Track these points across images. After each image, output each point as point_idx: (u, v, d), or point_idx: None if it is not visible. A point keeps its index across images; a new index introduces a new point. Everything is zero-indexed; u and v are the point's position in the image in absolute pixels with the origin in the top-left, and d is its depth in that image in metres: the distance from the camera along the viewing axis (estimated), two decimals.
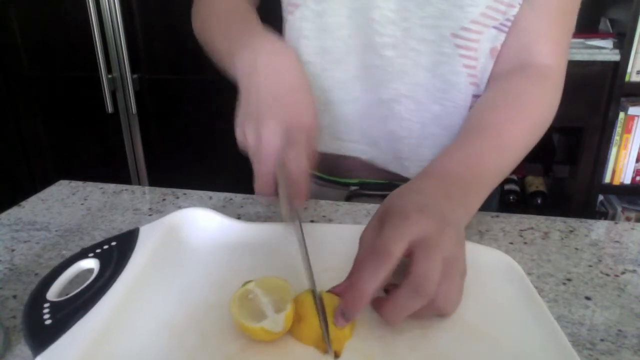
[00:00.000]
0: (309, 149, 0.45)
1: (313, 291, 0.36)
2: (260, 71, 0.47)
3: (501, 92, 0.56)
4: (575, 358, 0.33)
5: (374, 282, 0.34)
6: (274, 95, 0.46)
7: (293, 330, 0.36)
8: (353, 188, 0.67)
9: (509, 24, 0.57)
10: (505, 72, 0.58)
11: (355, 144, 0.66)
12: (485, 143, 0.49)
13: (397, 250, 0.35)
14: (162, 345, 0.35)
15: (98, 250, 0.43)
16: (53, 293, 0.39)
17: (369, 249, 0.38)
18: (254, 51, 0.48)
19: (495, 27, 0.56)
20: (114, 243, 0.44)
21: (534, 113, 0.54)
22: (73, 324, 0.35)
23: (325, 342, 0.34)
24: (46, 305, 0.37)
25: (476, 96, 0.60)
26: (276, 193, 0.45)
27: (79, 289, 0.39)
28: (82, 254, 0.43)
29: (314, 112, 0.47)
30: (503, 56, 0.59)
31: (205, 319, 0.37)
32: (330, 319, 0.35)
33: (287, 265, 0.44)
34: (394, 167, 0.66)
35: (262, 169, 0.44)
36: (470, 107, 0.60)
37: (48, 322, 0.35)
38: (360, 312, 0.35)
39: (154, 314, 0.38)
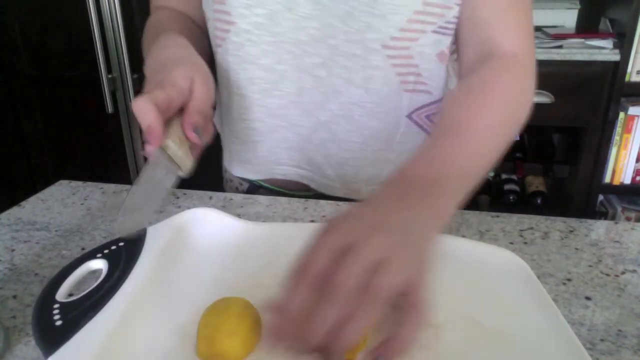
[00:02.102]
0: (194, 106, 0.46)
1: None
2: (149, 66, 0.50)
3: (466, 88, 0.54)
4: (586, 357, 0.33)
5: (292, 303, 0.32)
6: (152, 74, 0.48)
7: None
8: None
9: (451, 26, 0.56)
10: (470, 68, 0.57)
11: (301, 170, 0.64)
12: (451, 141, 0.46)
13: (315, 268, 0.32)
14: (172, 345, 0.35)
15: (106, 251, 0.44)
16: (62, 294, 0.39)
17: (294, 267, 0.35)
18: (150, 57, 0.52)
19: (434, 32, 0.55)
20: (121, 244, 0.44)
21: (503, 103, 0.51)
22: (84, 324, 0.35)
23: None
24: (56, 306, 0.37)
25: (427, 105, 0.60)
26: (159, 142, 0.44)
27: (88, 290, 0.39)
28: (90, 255, 0.43)
29: (190, 70, 0.47)
30: (466, 54, 0.58)
31: None
32: (227, 329, 0.34)
33: (287, 266, 0.44)
34: (344, 193, 0.64)
35: (143, 126, 0.43)
36: (410, 115, 0.60)
37: (58, 322, 0.35)
38: (288, 335, 0.32)
39: (163, 314, 0.38)
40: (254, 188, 0.69)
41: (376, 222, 0.35)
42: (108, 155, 1.91)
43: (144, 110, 0.42)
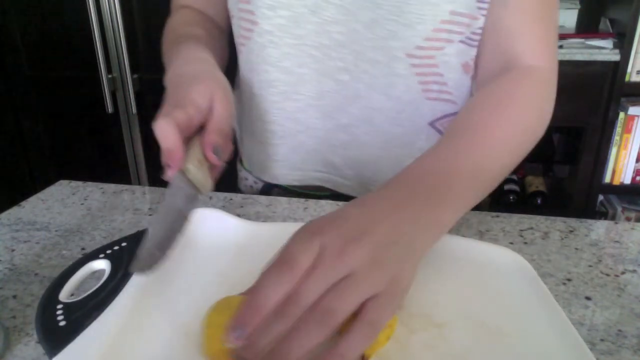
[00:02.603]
0: (213, 124, 0.44)
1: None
2: (171, 80, 0.48)
3: (486, 95, 0.52)
4: (589, 356, 0.33)
5: (269, 297, 0.30)
6: (172, 90, 0.46)
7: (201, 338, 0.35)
8: (326, 201, 0.66)
9: (477, 37, 0.55)
10: (490, 77, 0.55)
11: (317, 173, 0.64)
12: (461, 146, 0.44)
13: (294, 266, 0.31)
14: (176, 345, 0.35)
15: (108, 251, 0.44)
16: (65, 294, 0.39)
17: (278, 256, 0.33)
18: (171, 69, 0.50)
19: (461, 42, 0.55)
20: (124, 244, 0.45)
21: (522, 115, 0.50)
22: (88, 324, 0.35)
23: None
24: (59, 306, 0.37)
25: (451, 114, 0.60)
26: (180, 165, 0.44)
27: (91, 290, 0.39)
28: (93, 255, 0.43)
29: (211, 88, 0.45)
30: (486, 63, 0.57)
31: None
32: None
33: None
34: (359, 193, 0.64)
35: (164, 149, 0.41)
36: (433, 123, 0.59)
37: (62, 323, 0.35)
38: (253, 327, 0.29)
39: (167, 314, 0.38)
40: (269, 187, 0.69)
41: (357, 229, 0.33)
42: (108, 155, 1.91)
43: (165, 132, 0.40)
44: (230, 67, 0.64)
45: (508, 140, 0.47)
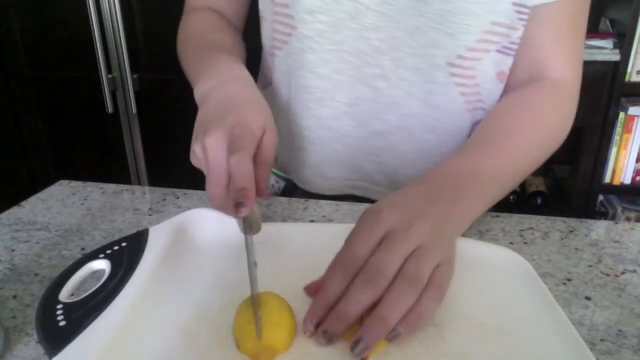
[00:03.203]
0: (263, 157, 0.44)
1: (255, 308, 0.35)
2: (213, 96, 0.47)
3: (513, 101, 0.55)
4: (589, 355, 0.33)
5: (340, 292, 0.36)
6: (220, 110, 0.45)
7: (235, 335, 0.35)
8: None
9: (514, 47, 0.56)
10: (518, 85, 0.57)
11: (347, 181, 0.64)
12: (486, 149, 0.48)
13: (363, 257, 0.36)
14: (176, 345, 0.35)
15: (108, 251, 0.44)
16: (65, 294, 0.39)
17: (340, 255, 0.38)
18: (209, 81, 0.50)
19: (498, 51, 0.55)
20: (124, 244, 0.45)
21: (545, 123, 0.53)
22: (87, 325, 0.35)
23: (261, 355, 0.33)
24: (59, 306, 0.37)
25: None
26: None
27: (91, 290, 0.39)
28: (93, 255, 0.43)
29: (263, 116, 0.45)
30: (515, 72, 0.58)
31: (217, 319, 0.37)
32: (270, 323, 0.34)
33: (288, 266, 0.44)
34: None
35: (212, 178, 0.41)
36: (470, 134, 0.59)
37: (62, 323, 0.35)
38: (342, 332, 0.34)
39: (167, 315, 0.38)
40: (291, 186, 0.69)
41: (415, 212, 0.38)
42: (108, 155, 1.91)
43: (244, 169, 0.39)
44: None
45: (531, 147, 0.52)
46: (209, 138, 0.41)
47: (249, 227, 0.41)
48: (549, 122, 0.54)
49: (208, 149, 0.41)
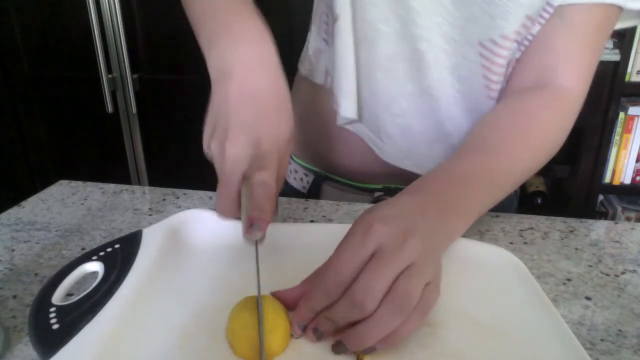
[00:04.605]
0: (280, 171, 0.42)
1: (259, 315, 0.35)
2: (234, 79, 0.43)
3: (510, 111, 0.53)
4: (583, 354, 0.33)
5: (323, 305, 0.35)
6: (245, 110, 0.41)
7: (230, 338, 0.35)
8: (377, 194, 0.66)
9: (527, 41, 0.55)
10: (522, 88, 0.56)
11: (363, 156, 0.63)
12: (478, 163, 0.47)
13: (349, 272, 0.34)
14: (171, 347, 0.35)
15: (102, 253, 0.43)
16: (58, 297, 0.39)
17: (326, 267, 0.37)
18: (232, 50, 0.44)
19: (517, 41, 0.55)
20: (117, 245, 0.44)
21: (540, 137, 0.52)
22: (81, 327, 0.35)
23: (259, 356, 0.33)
24: (52, 309, 0.37)
25: None
26: (238, 215, 0.42)
27: (84, 293, 0.38)
28: (86, 257, 0.43)
29: (290, 128, 0.44)
30: (523, 73, 0.56)
31: (212, 321, 0.37)
32: (267, 327, 0.34)
33: (288, 266, 0.44)
34: (409, 165, 0.63)
35: (224, 190, 0.40)
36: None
37: (55, 326, 0.35)
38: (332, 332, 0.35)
39: (161, 317, 0.37)
40: (320, 179, 0.69)
41: (407, 227, 0.36)
42: (108, 155, 1.91)
43: (269, 191, 0.39)
44: None
45: (523, 161, 0.50)
46: (231, 146, 0.39)
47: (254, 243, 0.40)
48: (544, 136, 0.52)
49: (227, 157, 0.40)
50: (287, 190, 0.72)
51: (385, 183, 0.66)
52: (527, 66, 0.56)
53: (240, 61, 0.43)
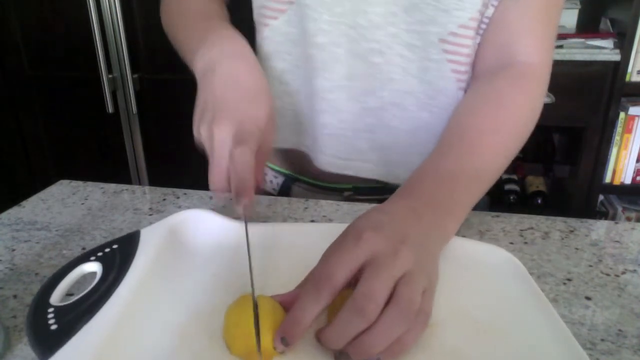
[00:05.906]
0: (263, 148, 0.46)
1: (254, 302, 0.35)
2: (217, 71, 0.48)
3: (481, 96, 0.54)
4: (582, 354, 0.33)
5: (312, 310, 0.33)
6: (229, 95, 0.46)
7: (225, 337, 0.35)
8: (347, 194, 0.66)
9: (484, 27, 0.56)
10: (486, 71, 0.56)
11: (340, 161, 0.64)
12: (461, 156, 0.48)
13: (340, 277, 0.33)
14: (170, 347, 0.35)
15: (100, 254, 0.43)
16: (56, 297, 0.39)
17: (315, 272, 0.36)
18: (212, 50, 0.50)
19: (475, 28, 0.55)
20: (115, 246, 0.44)
21: (515, 118, 0.52)
22: (80, 328, 0.35)
23: (257, 355, 0.33)
24: (50, 310, 0.37)
25: None
26: (229, 189, 0.45)
27: (83, 293, 0.38)
28: (84, 258, 0.43)
29: (270, 108, 0.47)
30: (484, 55, 0.57)
31: (210, 321, 0.37)
32: (265, 325, 0.34)
33: (289, 265, 0.44)
34: (382, 176, 0.64)
35: (215, 167, 0.44)
36: None
37: (54, 327, 0.35)
38: (299, 339, 0.33)
39: (159, 317, 0.37)
40: (290, 181, 0.69)
41: (399, 236, 0.36)
42: (108, 155, 1.91)
43: (247, 163, 0.42)
44: None
45: (504, 145, 0.51)
46: (217, 128, 0.43)
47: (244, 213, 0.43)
48: (522, 112, 0.53)
49: (215, 138, 0.43)
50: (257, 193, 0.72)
51: (354, 183, 0.66)
52: (486, 48, 0.57)
53: (222, 56, 0.49)
